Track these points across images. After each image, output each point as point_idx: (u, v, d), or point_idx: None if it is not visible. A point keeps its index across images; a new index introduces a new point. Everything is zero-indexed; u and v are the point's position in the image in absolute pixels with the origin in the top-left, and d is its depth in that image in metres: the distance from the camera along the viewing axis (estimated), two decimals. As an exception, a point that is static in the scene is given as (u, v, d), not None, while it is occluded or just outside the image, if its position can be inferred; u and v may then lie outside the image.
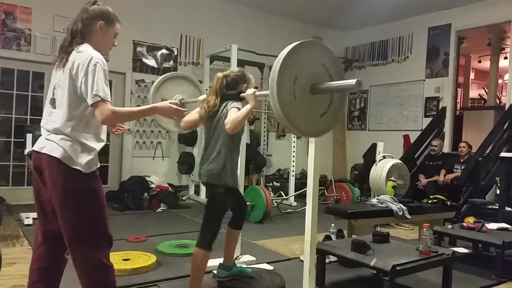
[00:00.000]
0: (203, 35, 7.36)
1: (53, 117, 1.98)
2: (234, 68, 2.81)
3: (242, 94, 2.53)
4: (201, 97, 2.75)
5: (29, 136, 4.68)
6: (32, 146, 2.09)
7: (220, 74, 2.65)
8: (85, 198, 1.94)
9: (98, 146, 2.01)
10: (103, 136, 2.06)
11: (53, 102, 2.02)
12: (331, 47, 2.15)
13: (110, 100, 1.90)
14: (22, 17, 5.89)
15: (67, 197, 1.90)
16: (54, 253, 2.05)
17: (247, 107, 2.39)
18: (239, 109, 2.43)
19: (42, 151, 1.93)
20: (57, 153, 1.89)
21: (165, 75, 3.22)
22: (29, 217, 4.61)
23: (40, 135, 2.03)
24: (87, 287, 1.95)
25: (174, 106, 2.13)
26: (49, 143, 1.93)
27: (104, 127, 2.07)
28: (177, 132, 2.73)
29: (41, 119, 2.11)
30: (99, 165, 2.02)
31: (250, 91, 2.46)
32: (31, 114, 6.11)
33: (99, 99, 1.85)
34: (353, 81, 1.92)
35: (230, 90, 2.62)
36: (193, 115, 2.66)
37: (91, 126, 1.97)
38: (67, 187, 1.90)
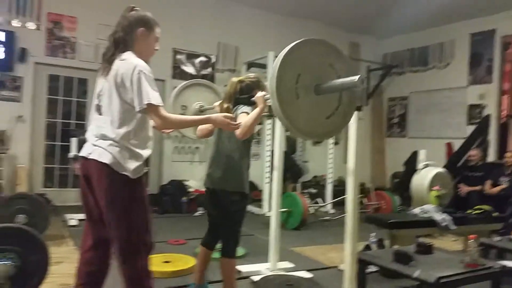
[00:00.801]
0: (239, 42, 7.42)
1: (100, 123, 2.00)
2: (250, 74, 2.77)
3: (252, 98, 2.46)
4: (217, 104, 2.70)
5: (74, 140, 4.86)
6: (77, 150, 2.14)
7: (234, 79, 2.61)
8: (131, 204, 1.96)
9: (145, 153, 2.02)
10: (150, 144, 2.08)
11: (98, 109, 2.04)
12: (339, 48, 2.08)
13: (162, 105, 1.93)
14: (68, 26, 6.14)
15: (114, 203, 1.94)
16: (103, 258, 2.11)
17: (256, 110, 2.33)
18: (249, 114, 2.37)
19: (89, 157, 1.96)
20: (106, 158, 1.91)
21: (185, 82, 3.23)
22: (74, 219, 4.77)
23: (85, 139, 2.07)
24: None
25: (228, 120, 2.11)
26: (96, 149, 1.95)
27: (151, 135, 2.09)
28: (194, 138, 2.76)
29: (85, 124, 2.15)
30: (145, 171, 2.05)
31: (259, 94, 2.39)
32: (75, 119, 6.35)
33: (151, 105, 1.88)
34: (355, 78, 1.86)
35: (244, 95, 2.56)
36: None
37: (138, 133, 1.99)
38: (115, 192, 1.93)
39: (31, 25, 5.87)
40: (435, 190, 4.37)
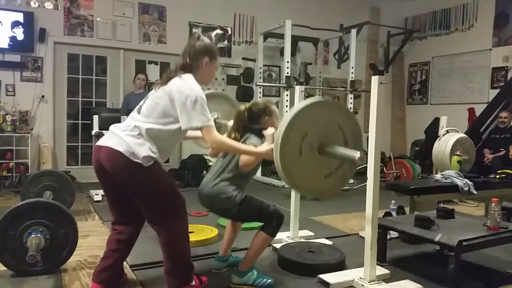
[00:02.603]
0: (256, 12, 7.33)
1: (134, 118, 2.18)
2: (258, 100, 2.73)
3: (263, 132, 2.42)
4: (230, 123, 2.66)
5: (95, 118, 4.94)
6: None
7: (242, 107, 2.59)
8: (151, 185, 2.14)
9: (159, 159, 2.16)
10: (165, 157, 2.24)
11: (139, 109, 2.21)
12: (354, 115, 2.11)
13: (212, 124, 2.11)
14: (85, 4, 6.16)
15: (138, 187, 2.13)
16: (131, 228, 2.33)
17: (263, 149, 2.27)
18: (256, 146, 2.34)
19: (107, 145, 2.12)
20: (121, 147, 2.06)
21: (209, 91, 3.20)
22: (98, 194, 4.89)
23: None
24: (169, 254, 2.21)
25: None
26: (118, 138, 2.11)
27: (170, 152, 2.30)
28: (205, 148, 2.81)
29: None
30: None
31: (270, 130, 2.34)
32: (96, 97, 6.44)
33: (201, 126, 2.08)
34: (356, 154, 1.86)
35: (252, 123, 2.54)
36: None
37: (162, 142, 2.15)
38: (135, 178, 2.11)
39: (48, 5, 5.91)
40: (457, 156, 4.29)
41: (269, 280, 2.53)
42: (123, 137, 2.08)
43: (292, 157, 1.93)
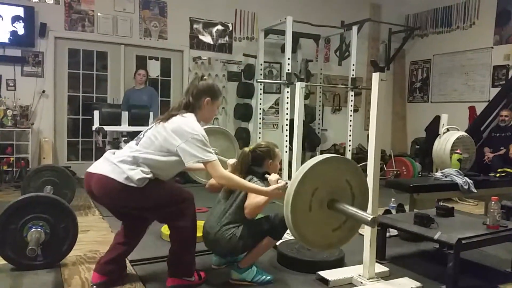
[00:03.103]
0: (257, 9, 7.31)
1: (131, 148, 2.22)
2: (262, 142, 2.73)
3: (266, 176, 2.43)
4: (230, 161, 2.67)
5: (96, 113, 4.94)
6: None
7: (246, 149, 2.61)
8: (152, 199, 2.19)
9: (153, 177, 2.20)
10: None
11: (138, 139, 2.26)
12: (362, 171, 2.09)
13: (217, 160, 2.18)
14: (86, -1, 6.15)
15: (138, 206, 2.22)
16: (137, 228, 2.42)
17: (269, 188, 2.30)
18: None
19: (99, 172, 2.17)
20: (114, 174, 2.12)
21: (208, 126, 3.19)
22: (98, 189, 4.90)
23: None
24: (176, 246, 2.30)
25: (281, 192, 2.24)
26: (112, 165, 2.15)
27: (165, 179, 2.30)
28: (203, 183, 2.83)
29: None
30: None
31: (273, 176, 2.36)
32: (96, 93, 6.43)
33: (205, 160, 2.15)
34: (369, 217, 1.85)
35: (256, 165, 2.57)
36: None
37: (158, 172, 2.20)
38: (133, 200, 2.18)
39: (49, 0, 5.90)
40: (457, 154, 4.29)
41: (268, 277, 2.54)
42: (116, 164, 2.13)
43: (302, 213, 1.93)
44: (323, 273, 2.58)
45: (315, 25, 6.90)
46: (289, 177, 5.40)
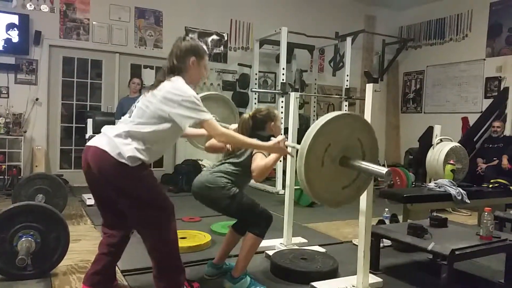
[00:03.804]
0: (252, 19, 7.36)
1: (126, 121, 2.15)
2: (260, 107, 2.74)
3: (272, 139, 2.38)
4: (231, 127, 2.62)
5: (89, 121, 4.91)
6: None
7: (246, 115, 2.60)
8: (137, 187, 2.08)
9: (146, 159, 2.09)
10: (155, 157, 2.20)
11: (130, 112, 2.19)
12: (374, 131, 2.13)
13: (213, 118, 2.11)
14: (81, 8, 6.15)
15: (123, 188, 2.07)
16: (121, 234, 2.29)
17: (270, 143, 2.29)
18: (265, 154, 2.38)
19: (95, 145, 2.08)
20: (108, 147, 2.03)
21: (208, 93, 3.18)
22: (91, 198, 4.85)
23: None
24: (156, 260, 2.14)
25: (283, 146, 2.23)
26: (107, 139, 2.07)
27: (161, 153, 2.25)
28: (201, 150, 2.80)
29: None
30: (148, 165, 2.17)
31: (280, 138, 2.31)
32: (90, 101, 6.41)
33: (202, 119, 2.06)
34: (383, 170, 1.88)
35: (258, 129, 2.56)
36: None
37: (154, 143, 2.10)
38: (120, 178, 2.05)
39: (44, 8, 5.90)
40: (451, 164, 4.31)
41: None
42: (111, 138, 2.05)
43: (315, 167, 1.96)
44: (316, 284, 2.57)
45: (310, 36, 6.95)
46: (283, 186, 5.39)
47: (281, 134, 2.44)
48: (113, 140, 2.04)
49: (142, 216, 2.11)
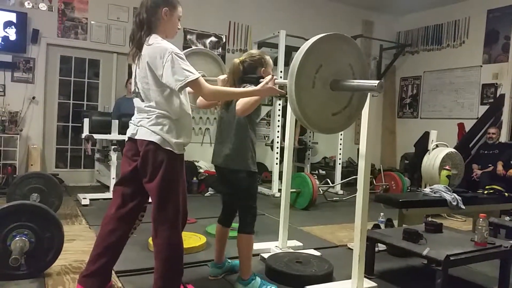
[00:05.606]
0: (251, 21, 7.36)
1: (144, 107, 2.12)
2: (252, 51, 2.71)
3: (261, 80, 2.34)
4: (221, 77, 2.61)
5: (86, 121, 4.90)
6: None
7: (236, 60, 2.53)
8: (173, 177, 2.10)
9: (183, 140, 2.12)
10: (188, 136, 2.18)
11: (138, 95, 2.15)
12: (363, 54, 2.12)
13: (198, 76, 2.01)
14: (80, 7, 6.13)
15: (161, 177, 2.06)
16: (123, 230, 2.24)
17: (258, 86, 2.25)
18: None
19: (136, 138, 2.11)
20: (151, 137, 2.05)
21: (194, 48, 3.12)
22: (86, 198, 4.84)
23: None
24: (161, 261, 2.12)
25: (272, 84, 2.18)
26: (141, 129, 2.09)
27: (188, 124, 2.19)
28: (194, 108, 2.77)
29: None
30: (185, 151, 2.18)
31: (268, 78, 2.27)
32: (87, 100, 6.39)
33: (189, 81, 1.97)
34: (375, 82, 1.86)
35: (249, 74, 2.52)
36: None
37: (178, 115, 2.10)
38: (160, 167, 2.05)
39: (42, 6, 5.88)
40: (446, 170, 4.33)
41: (273, 287, 2.56)
42: (149, 128, 2.06)
43: (305, 87, 1.92)
44: (311, 288, 2.56)
45: (308, 40, 6.95)
46: (279, 190, 5.39)
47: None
48: (153, 131, 2.09)
49: (163, 202, 2.11)
